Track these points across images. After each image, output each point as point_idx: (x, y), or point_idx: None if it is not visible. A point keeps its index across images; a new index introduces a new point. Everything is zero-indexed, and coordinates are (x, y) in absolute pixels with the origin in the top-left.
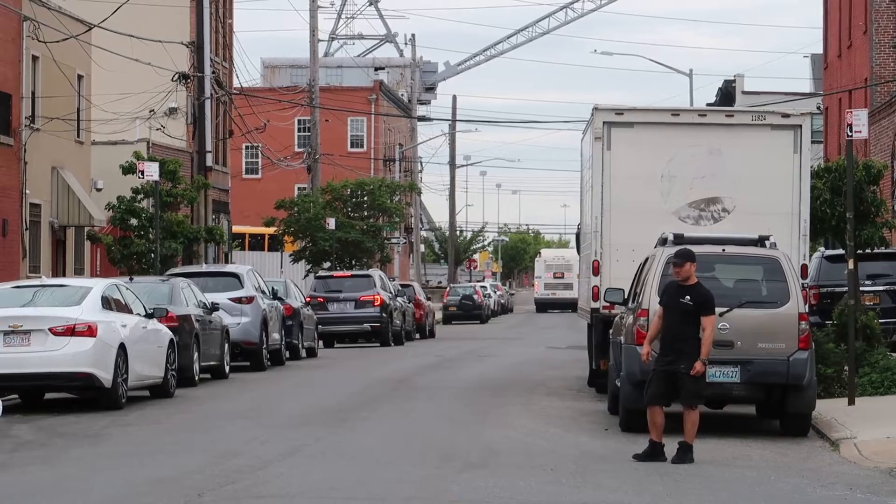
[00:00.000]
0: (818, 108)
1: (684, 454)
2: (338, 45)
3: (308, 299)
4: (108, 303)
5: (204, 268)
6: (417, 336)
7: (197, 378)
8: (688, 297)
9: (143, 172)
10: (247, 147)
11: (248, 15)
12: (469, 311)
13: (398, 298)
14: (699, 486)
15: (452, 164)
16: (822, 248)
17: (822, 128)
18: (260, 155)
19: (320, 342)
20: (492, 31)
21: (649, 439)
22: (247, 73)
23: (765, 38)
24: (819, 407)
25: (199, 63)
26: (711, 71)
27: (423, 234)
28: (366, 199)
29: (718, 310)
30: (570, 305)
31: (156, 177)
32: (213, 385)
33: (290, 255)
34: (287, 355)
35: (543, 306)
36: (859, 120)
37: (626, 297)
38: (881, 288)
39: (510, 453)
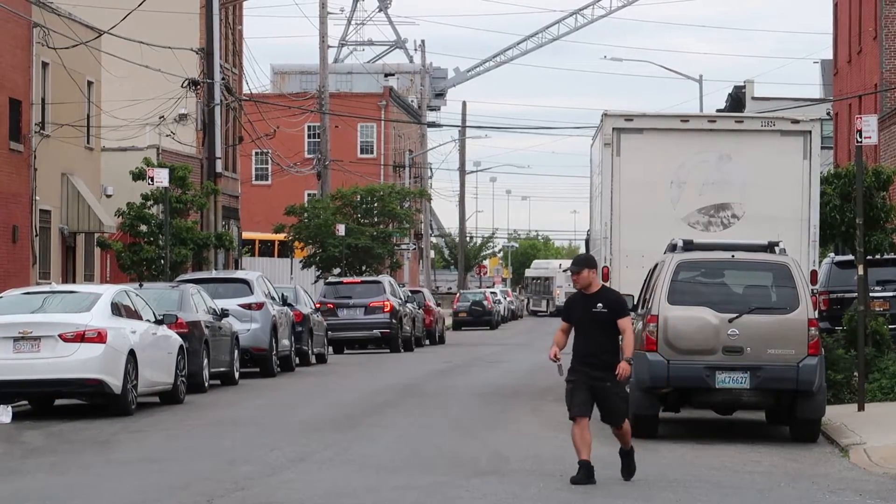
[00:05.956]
0: (828, 113)
1: (632, 459)
2: (348, 52)
3: (318, 305)
4: (117, 309)
5: (213, 274)
6: (427, 342)
7: (206, 384)
8: (599, 304)
9: (152, 179)
10: (256, 153)
11: (257, 21)
12: (479, 317)
13: (408, 304)
14: (709, 492)
15: (462, 171)
16: (832, 254)
17: (831, 133)
18: (270, 161)
19: (330, 348)
20: (501, 38)
21: (578, 461)
22: (257, 80)
23: (774, 44)
24: (829, 413)
25: (209, 69)
26: (721, 77)
27: (433, 240)
28: (376, 205)
29: (728, 315)
30: None
31: (165, 183)
32: (223, 391)
33: (300, 262)
34: (297, 361)
35: None
36: (869, 126)
37: (635, 303)
38: (891, 294)
39: (519, 459)
